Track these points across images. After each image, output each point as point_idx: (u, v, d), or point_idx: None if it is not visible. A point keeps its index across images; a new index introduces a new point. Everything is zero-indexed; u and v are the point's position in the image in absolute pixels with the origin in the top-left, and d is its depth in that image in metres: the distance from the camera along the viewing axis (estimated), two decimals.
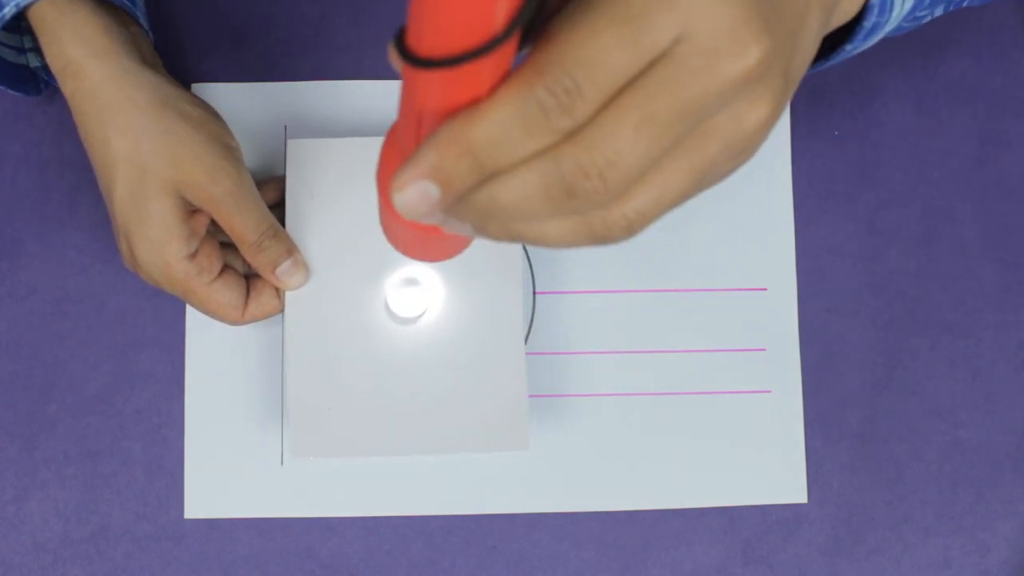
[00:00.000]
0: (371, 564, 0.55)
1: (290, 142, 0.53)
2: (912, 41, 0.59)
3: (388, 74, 0.58)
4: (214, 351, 0.56)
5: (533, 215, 0.27)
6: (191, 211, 0.49)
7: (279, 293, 0.52)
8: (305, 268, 0.52)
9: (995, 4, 0.60)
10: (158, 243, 0.47)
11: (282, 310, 0.52)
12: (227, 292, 0.50)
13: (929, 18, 0.47)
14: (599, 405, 0.57)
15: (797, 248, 0.58)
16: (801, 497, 0.56)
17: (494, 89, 0.25)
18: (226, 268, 0.51)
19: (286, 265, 0.51)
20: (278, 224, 0.51)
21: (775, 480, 0.56)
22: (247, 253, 0.50)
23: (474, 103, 0.25)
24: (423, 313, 0.53)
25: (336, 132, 0.58)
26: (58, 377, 0.56)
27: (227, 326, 0.56)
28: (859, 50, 0.44)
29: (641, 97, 0.25)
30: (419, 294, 0.53)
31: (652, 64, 0.25)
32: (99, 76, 0.46)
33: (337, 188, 0.54)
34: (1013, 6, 0.60)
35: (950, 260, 0.58)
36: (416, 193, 0.26)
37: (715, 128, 0.27)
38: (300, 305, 0.53)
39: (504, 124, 0.25)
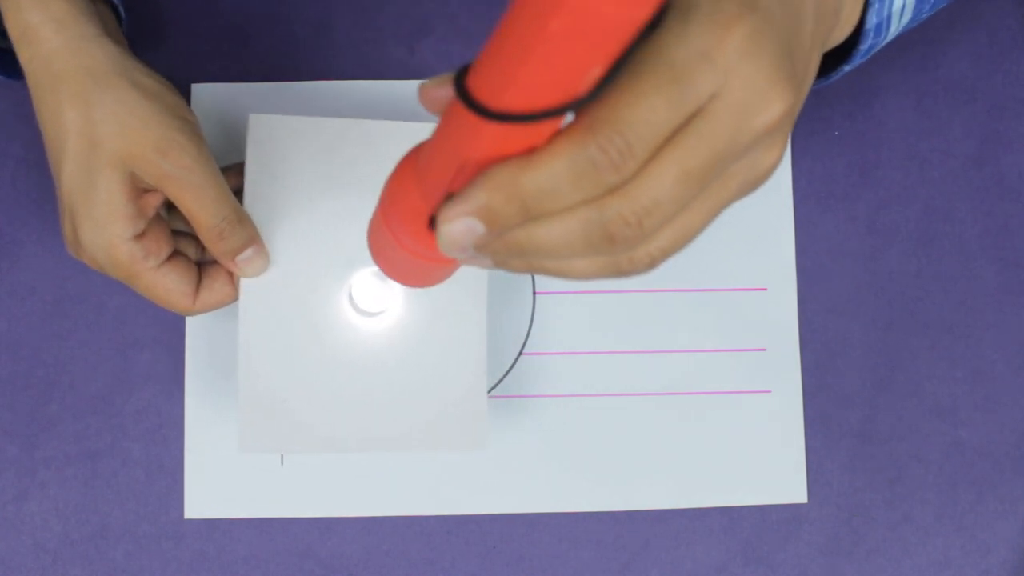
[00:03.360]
0: (370, 564, 0.55)
1: (252, 116, 0.50)
2: (912, 41, 0.59)
3: (388, 74, 0.58)
4: (214, 351, 0.56)
5: (567, 255, 0.29)
6: (142, 190, 0.46)
7: (234, 280, 0.49)
8: (266, 255, 0.50)
9: (995, 4, 0.60)
10: (102, 221, 0.45)
11: (237, 298, 0.50)
12: (175, 277, 0.47)
13: (929, 13, 0.47)
14: (599, 405, 0.57)
15: (797, 248, 0.58)
16: (801, 497, 0.56)
17: (546, 140, 0.27)
18: (176, 253, 0.49)
19: (247, 253, 0.48)
20: (242, 209, 0.48)
21: (775, 480, 0.56)
22: (206, 239, 0.47)
23: (525, 151, 0.27)
24: (388, 307, 0.51)
25: None
26: (58, 377, 0.56)
27: (228, 326, 0.56)
28: (855, 67, 0.45)
29: (680, 151, 0.27)
30: (385, 288, 0.51)
31: (690, 118, 0.27)
32: (55, 43, 0.45)
33: (301, 170, 0.51)
34: (1013, 6, 0.60)
35: (950, 260, 0.58)
36: (463, 228, 0.28)
37: (735, 173, 0.29)
38: (256, 293, 0.50)
39: (555, 176, 0.27)
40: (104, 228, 0.45)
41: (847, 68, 0.45)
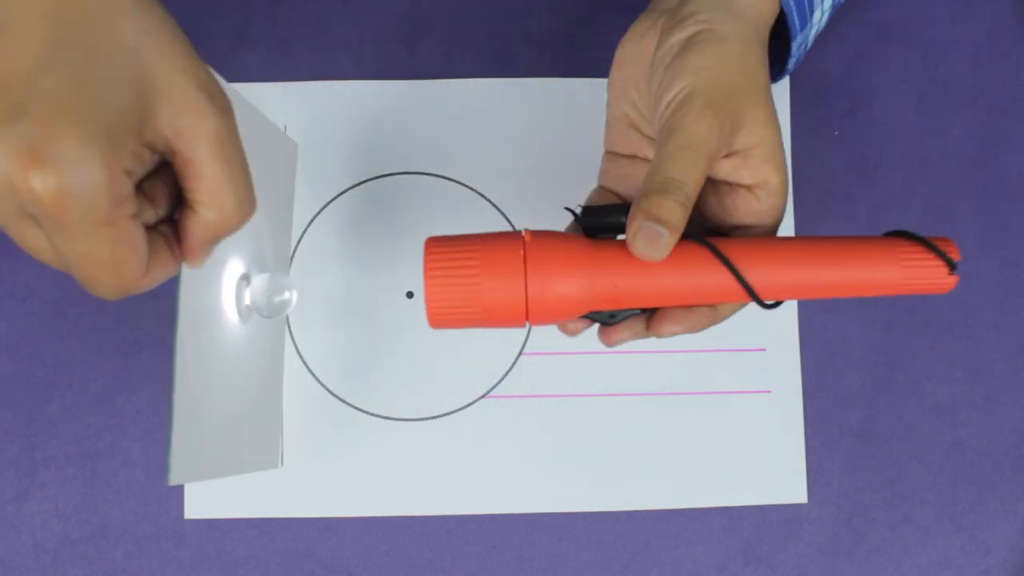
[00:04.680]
0: (370, 564, 0.55)
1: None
2: (912, 41, 0.59)
3: (388, 74, 0.58)
4: None
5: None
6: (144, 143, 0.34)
7: (176, 254, 0.38)
8: None
9: (995, 4, 0.60)
10: (106, 135, 0.32)
11: (174, 274, 0.39)
12: (142, 238, 0.35)
13: None
14: (599, 405, 0.57)
15: None
16: (801, 497, 0.56)
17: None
18: None
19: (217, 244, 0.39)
20: None
21: (775, 480, 0.56)
22: (214, 221, 0.37)
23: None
24: (283, 312, 0.49)
25: (337, 132, 0.58)
26: (58, 377, 0.56)
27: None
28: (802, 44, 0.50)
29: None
30: (288, 294, 0.49)
31: None
32: None
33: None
34: (1013, 6, 0.60)
35: None
36: (676, 331, 0.45)
37: None
38: (194, 285, 0.43)
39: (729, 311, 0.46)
40: (104, 145, 0.32)
41: (793, 58, 0.50)
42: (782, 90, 0.59)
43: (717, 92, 0.41)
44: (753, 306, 0.45)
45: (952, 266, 0.42)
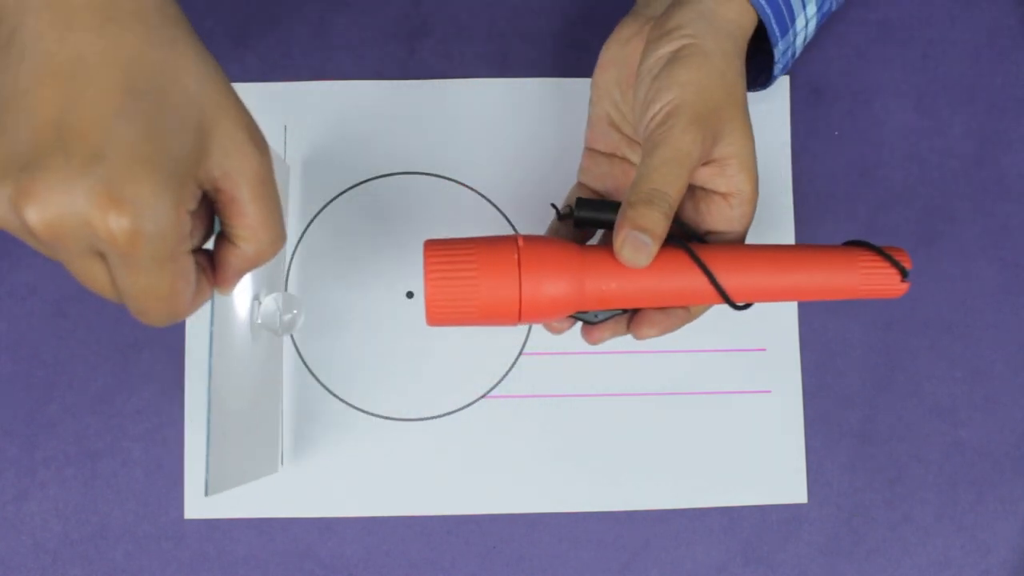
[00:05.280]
0: (370, 564, 0.55)
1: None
2: (912, 41, 0.59)
3: (388, 74, 0.58)
4: None
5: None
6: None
7: (209, 282, 0.40)
8: None
9: (995, 4, 0.60)
10: (172, 178, 0.34)
11: (207, 300, 0.40)
12: (193, 270, 0.37)
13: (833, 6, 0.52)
14: (599, 405, 0.57)
15: None
16: (801, 497, 0.56)
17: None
18: None
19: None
20: None
21: (775, 480, 0.56)
22: (251, 254, 0.38)
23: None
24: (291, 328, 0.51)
25: (337, 132, 0.58)
26: (58, 377, 0.56)
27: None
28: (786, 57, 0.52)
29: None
30: (298, 311, 0.51)
31: None
32: None
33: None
34: (1013, 6, 0.60)
35: (950, 260, 0.58)
36: (653, 333, 0.47)
37: None
38: (225, 308, 0.45)
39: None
40: (174, 189, 0.34)
41: (766, 89, 0.52)
42: (782, 90, 0.59)
43: (701, 106, 0.44)
44: (754, 307, 0.45)
45: (904, 273, 0.45)
